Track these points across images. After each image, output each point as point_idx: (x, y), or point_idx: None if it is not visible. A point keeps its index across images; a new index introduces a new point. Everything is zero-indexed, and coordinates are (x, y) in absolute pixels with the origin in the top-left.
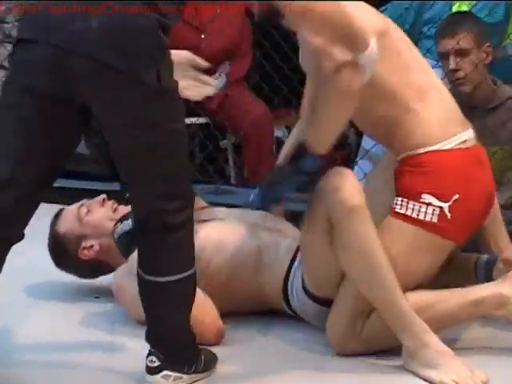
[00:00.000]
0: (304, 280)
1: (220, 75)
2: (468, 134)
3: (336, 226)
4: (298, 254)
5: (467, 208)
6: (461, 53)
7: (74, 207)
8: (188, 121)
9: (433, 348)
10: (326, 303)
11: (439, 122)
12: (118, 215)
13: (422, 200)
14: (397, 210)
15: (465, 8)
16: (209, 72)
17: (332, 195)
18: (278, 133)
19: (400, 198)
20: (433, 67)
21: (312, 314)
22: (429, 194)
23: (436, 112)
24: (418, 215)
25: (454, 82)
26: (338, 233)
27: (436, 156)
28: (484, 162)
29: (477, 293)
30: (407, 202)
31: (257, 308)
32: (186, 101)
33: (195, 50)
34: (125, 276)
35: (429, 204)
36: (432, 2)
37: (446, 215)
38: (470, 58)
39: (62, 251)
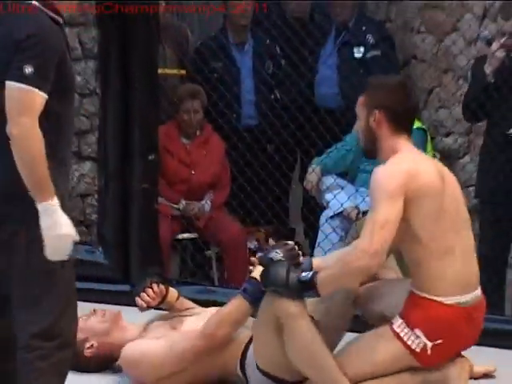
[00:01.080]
0: (257, 362)
1: (206, 202)
2: (470, 296)
3: (283, 328)
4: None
5: (445, 351)
6: None
7: None
8: (181, 236)
9: None
10: (270, 376)
11: (449, 282)
12: (107, 318)
13: (414, 331)
14: (394, 327)
15: None
16: (198, 199)
17: (277, 304)
18: (250, 245)
19: (401, 320)
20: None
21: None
22: (421, 330)
23: (451, 273)
24: (407, 340)
25: None
26: (285, 333)
27: (437, 306)
28: (474, 319)
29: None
30: (404, 327)
31: (215, 376)
32: (180, 220)
33: (187, 182)
34: (132, 349)
35: (418, 337)
36: None
37: (427, 350)
38: None
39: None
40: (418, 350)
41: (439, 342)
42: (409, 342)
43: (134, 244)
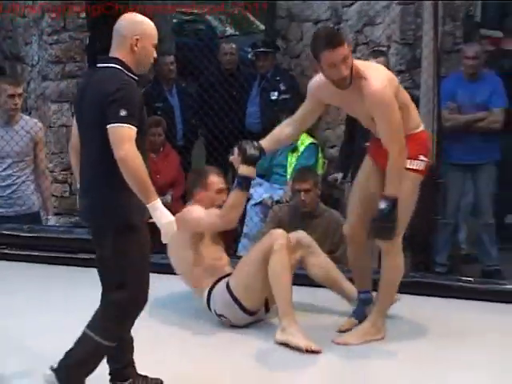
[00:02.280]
0: (230, 283)
1: (168, 195)
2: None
3: (270, 256)
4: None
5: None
6: (307, 190)
7: None
8: (151, 220)
9: (293, 327)
10: (235, 299)
11: (417, 117)
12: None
13: (419, 158)
14: (408, 166)
15: (293, 159)
16: (162, 194)
17: (273, 236)
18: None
19: (409, 160)
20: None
21: (224, 303)
22: (421, 154)
23: (414, 112)
24: (418, 167)
25: (300, 204)
26: (270, 259)
27: (421, 134)
28: None
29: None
30: (412, 161)
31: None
32: None
33: (154, 183)
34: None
35: (422, 160)
36: (279, 152)
37: (427, 164)
38: (311, 193)
39: None
40: (423, 168)
41: (428, 154)
42: (419, 168)
43: None
